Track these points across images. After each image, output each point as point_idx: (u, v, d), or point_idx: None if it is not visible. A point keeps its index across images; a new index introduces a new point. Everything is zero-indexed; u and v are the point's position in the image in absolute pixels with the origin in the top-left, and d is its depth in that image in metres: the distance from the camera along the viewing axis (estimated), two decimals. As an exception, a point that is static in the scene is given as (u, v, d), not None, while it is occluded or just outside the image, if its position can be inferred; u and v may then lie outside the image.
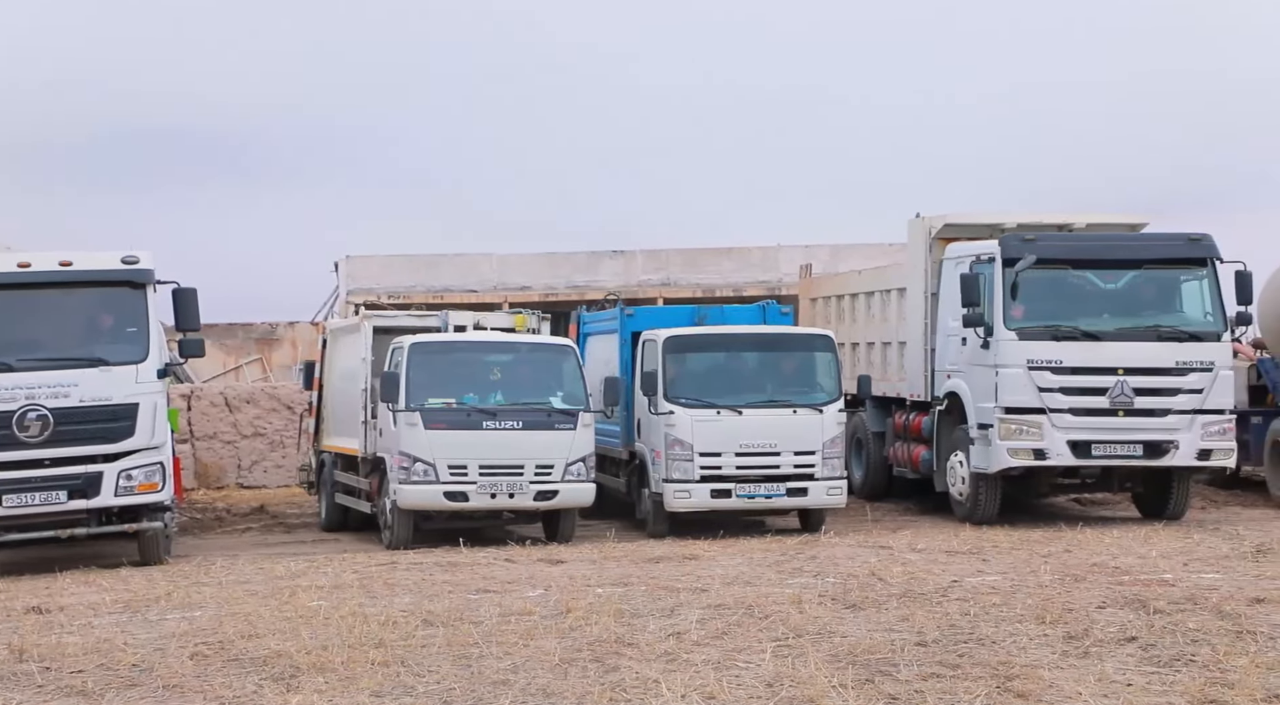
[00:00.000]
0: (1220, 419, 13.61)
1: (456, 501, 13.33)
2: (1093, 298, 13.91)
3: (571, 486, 13.52)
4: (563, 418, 13.56)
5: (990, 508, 14.17)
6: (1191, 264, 13.81)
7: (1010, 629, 8.06)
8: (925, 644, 7.72)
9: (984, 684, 6.77)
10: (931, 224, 15.19)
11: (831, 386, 14.14)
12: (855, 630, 8.14)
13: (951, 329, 14.54)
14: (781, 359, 14.53)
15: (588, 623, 8.43)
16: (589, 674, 7.16)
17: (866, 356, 17.15)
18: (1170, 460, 13.59)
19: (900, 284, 16.10)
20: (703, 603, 9.18)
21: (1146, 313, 13.82)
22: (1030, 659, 7.31)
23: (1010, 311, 13.66)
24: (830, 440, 13.89)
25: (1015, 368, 13.59)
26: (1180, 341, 13.55)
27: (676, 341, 14.23)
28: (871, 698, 6.58)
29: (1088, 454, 13.59)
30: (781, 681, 6.89)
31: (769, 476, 13.80)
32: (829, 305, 18.56)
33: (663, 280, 25.39)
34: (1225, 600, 8.77)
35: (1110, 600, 8.95)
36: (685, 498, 13.82)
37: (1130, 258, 13.90)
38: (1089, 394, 13.53)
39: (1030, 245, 13.73)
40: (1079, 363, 13.53)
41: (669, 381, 13.99)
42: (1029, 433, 13.57)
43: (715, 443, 13.77)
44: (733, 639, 7.97)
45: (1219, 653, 7.27)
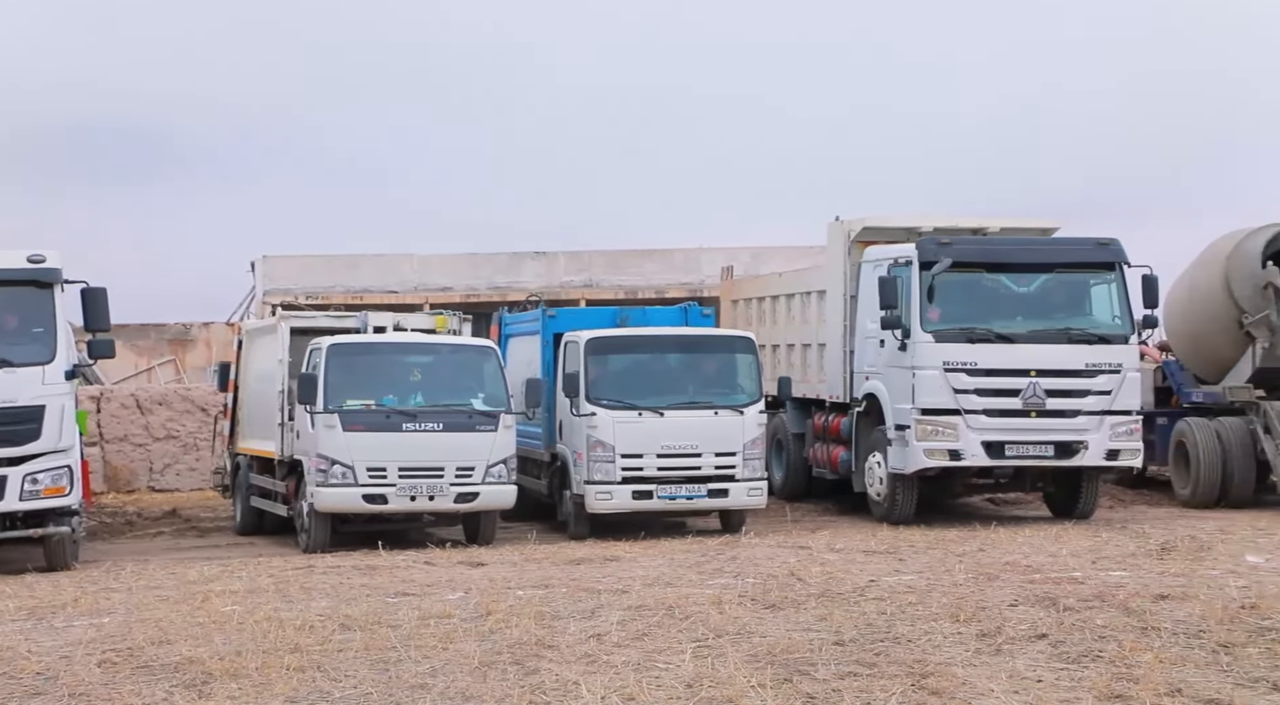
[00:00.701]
0: (1128, 420, 13.94)
1: (375, 504, 13.20)
2: (1006, 301, 14.17)
3: (492, 488, 13.45)
4: (484, 419, 13.49)
5: (907, 508, 14.36)
6: (1100, 268, 14.13)
7: (925, 627, 8.18)
8: (843, 643, 7.80)
9: (899, 682, 6.86)
10: (850, 227, 15.37)
11: (752, 388, 14.24)
12: (774, 630, 8.20)
13: (870, 331, 14.72)
14: (703, 360, 14.59)
15: (508, 625, 8.39)
16: (509, 676, 7.12)
17: (787, 358, 17.30)
18: (1080, 460, 13.89)
19: (820, 286, 16.26)
20: (623, 604, 9.18)
21: (1057, 315, 14.11)
22: (944, 657, 7.42)
23: (927, 314, 13.87)
24: (751, 441, 13.99)
25: (931, 369, 13.79)
26: (1090, 344, 13.86)
27: (598, 343, 14.23)
28: (790, 697, 6.63)
29: (1001, 454, 13.84)
30: (701, 682, 6.92)
31: (690, 478, 13.85)
32: (750, 307, 18.69)
33: (585, 282, 25.38)
34: (1131, 597, 8.98)
35: (1022, 598, 9.11)
36: (607, 499, 13.82)
37: (1042, 261, 14.18)
38: (1002, 395, 13.78)
39: (946, 249, 13.95)
40: (993, 365, 13.77)
41: (591, 383, 13.98)
42: (945, 434, 13.78)
43: (637, 444, 13.79)
44: (653, 640, 7.98)
45: (1125, 649, 7.44)
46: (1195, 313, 16.88)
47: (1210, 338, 16.70)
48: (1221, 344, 16.53)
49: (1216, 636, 7.67)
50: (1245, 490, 15.67)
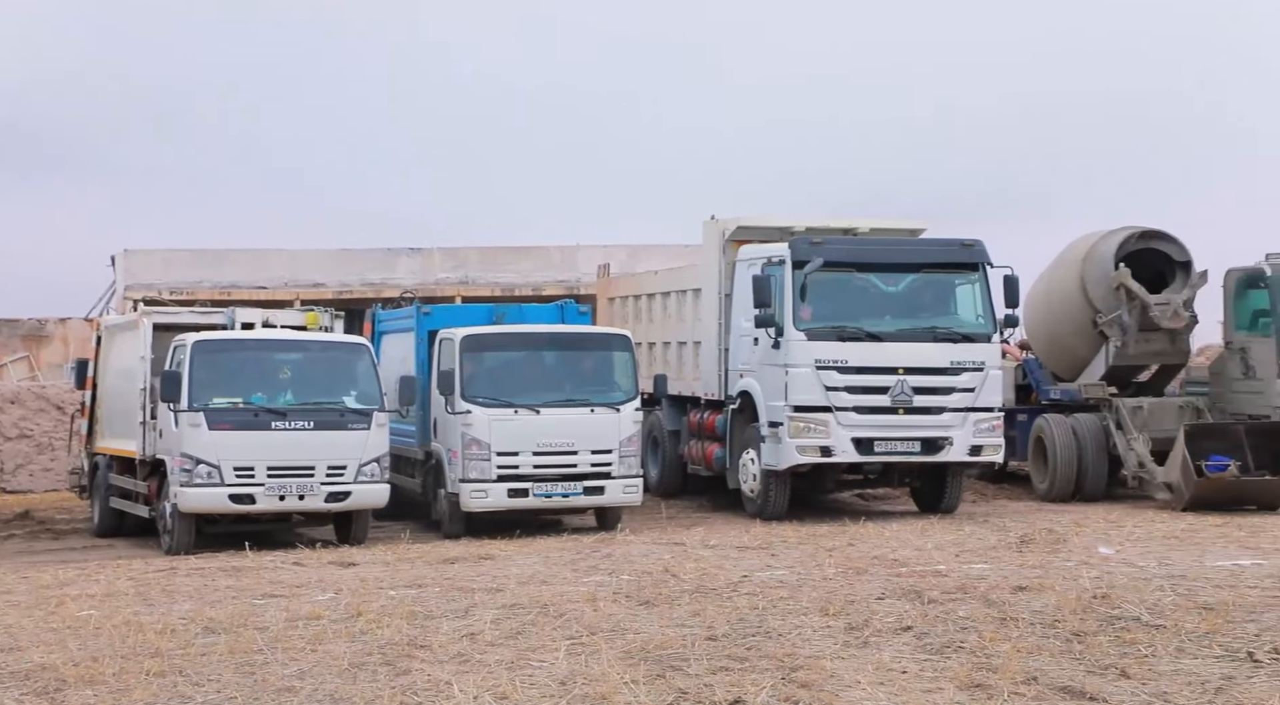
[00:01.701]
0: (990, 416, 14.38)
1: (242, 504, 12.90)
2: (875, 300, 14.48)
3: (365, 487, 13.25)
4: (356, 417, 13.28)
5: (780, 504, 14.58)
6: (964, 268, 14.53)
7: (796, 622, 8.31)
8: (715, 638, 7.89)
9: (770, 676, 6.96)
10: (725, 226, 15.53)
11: (629, 386, 14.29)
12: (648, 626, 8.25)
13: (744, 329, 14.90)
14: (579, 358, 14.60)
15: (379, 626, 8.28)
16: (379, 678, 7.03)
17: (663, 356, 17.40)
18: (945, 456, 14.27)
19: (696, 285, 16.40)
20: (498, 603, 9.14)
21: (924, 315, 14.47)
22: (814, 650, 7.56)
23: (799, 313, 14.09)
24: (627, 439, 14.04)
25: (804, 367, 14.02)
26: (954, 342, 14.24)
27: (474, 340, 14.12)
28: (662, 692, 6.67)
29: (870, 451, 14.13)
30: (575, 679, 6.92)
31: (566, 475, 13.84)
32: (627, 305, 18.75)
33: (461, 279, 25.16)
34: (992, 589, 9.26)
35: (889, 591, 9.33)
36: (482, 497, 13.73)
37: (909, 261, 14.53)
38: (872, 393, 14.07)
39: (818, 248, 14.19)
40: (863, 363, 14.06)
41: (466, 381, 13.87)
42: (816, 431, 14.02)
43: (512, 442, 13.72)
44: (527, 638, 7.96)
45: (985, 639, 7.68)
46: (1053, 312, 17.49)
47: (1067, 337, 17.33)
48: (1077, 343, 17.16)
49: (1070, 626, 7.97)
50: (1099, 484, 16.29)
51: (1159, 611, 8.34)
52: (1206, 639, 7.56)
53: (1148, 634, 7.70)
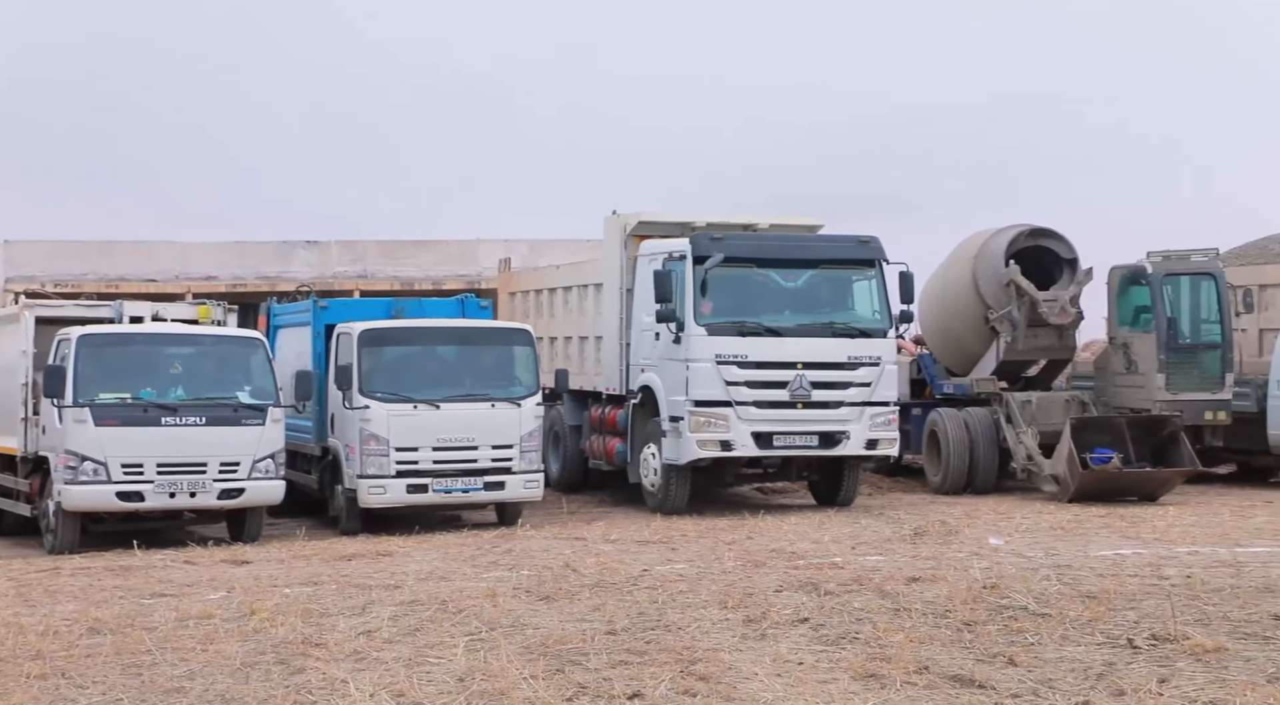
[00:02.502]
0: (886, 410, 14.63)
1: (131, 502, 12.57)
2: (775, 295, 14.63)
3: (259, 484, 13.01)
4: (250, 413, 13.03)
5: (680, 498, 14.66)
6: (861, 264, 14.76)
7: (695, 615, 8.38)
8: (615, 632, 7.91)
9: (669, 669, 7.01)
10: (627, 221, 15.56)
11: (530, 380, 14.24)
12: (548, 621, 8.24)
13: (645, 324, 14.94)
14: (480, 353, 14.50)
15: (273, 624, 8.14)
16: (272, 677, 6.91)
17: (564, 351, 17.37)
18: (842, 450, 14.48)
19: (597, 279, 16.40)
20: (396, 600, 9.05)
21: (822, 310, 14.66)
22: (712, 643, 7.63)
23: (700, 308, 14.17)
24: (528, 434, 13.99)
25: (704, 362, 14.11)
26: (852, 337, 14.46)
27: (372, 335, 13.95)
28: (562, 687, 6.68)
29: (770, 445, 14.28)
30: (473, 675, 6.89)
31: (466, 471, 13.74)
32: (528, 300, 18.67)
33: (359, 272, 24.78)
34: (886, 580, 9.45)
35: (786, 584, 9.46)
36: (380, 493, 13.57)
37: (808, 258, 14.71)
38: (771, 387, 14.22)
39: (718, 244, 14.29)
40: (762, 358, 14.19)
41: (364, 375, 13.69)
42: (716, 425, 14.12)
43: (412, 437, 13.59)
44: (425, 635, 7.90)
45: (879, 629, 7.83)
46: (946, 308, 17.86)
47: (960, 332, 17.71)
48: (970, 338, 17.55)
49: (961, 615, 8.16)
50: (989, 477, 16.69)
51: (1045, 600, 8.59)
52: (1089, 627, 7.80)
53: (1034, 622, 7.92)
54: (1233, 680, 6.58)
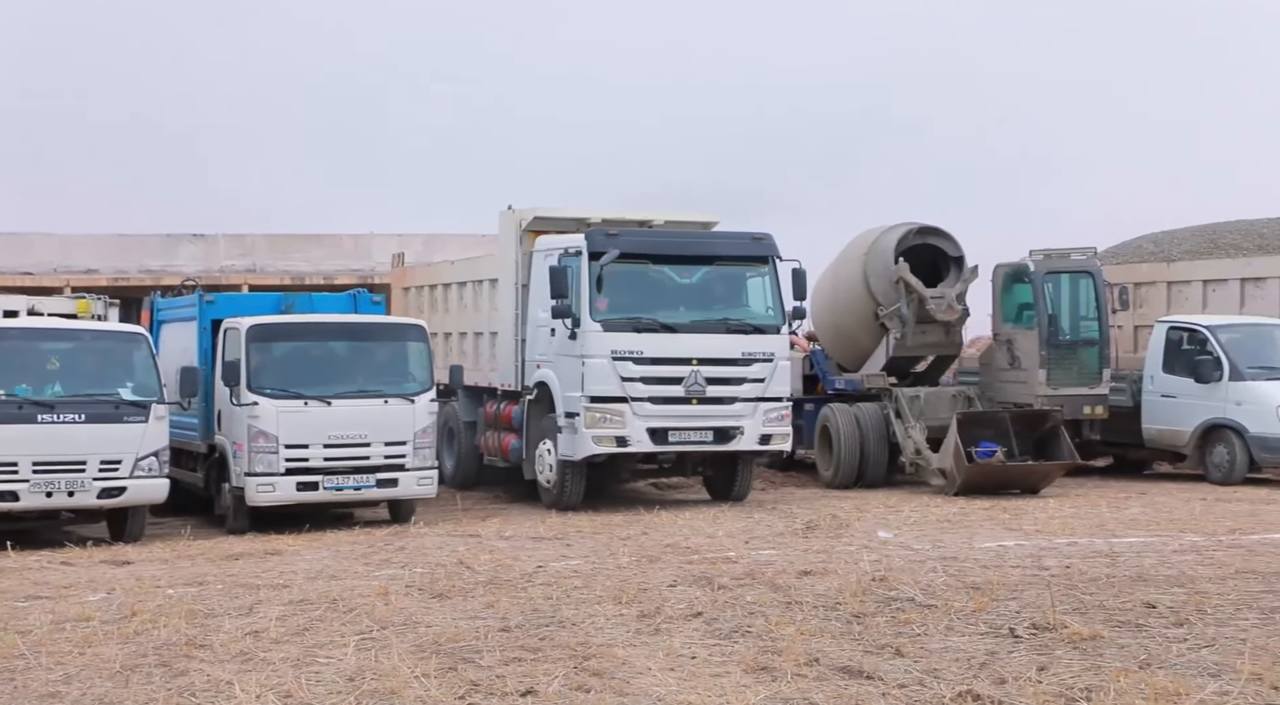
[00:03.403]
0: (779, 406, 14.80)
1: (4, 501, 12.15)
2: (670, 291, 14.69)
3: (141, 483, 12.67)
4: (132, 410, 12.68)
5: (576, 494, 14.65)
6: (755, 261, 14.91)
7: (590, 611, 8.39)
8: (509, 629, 7.88)
9: (562, 665, 7.00)
10: (522, 216, 15.49)
11: (424, 376, 14.10)
12: (441, 619, 8.17)
13: (541, 320, 14.90)
14: (373, 349, 14.31)
15: (155, 626, 7.93)
16: (154, 680, 6.73)
17: (459, 346, 17.23)
18: (736, 445, 14.62)
19: (492, 275, 16.30)
20: (284, 599, 8.89)
21: (717, 307, 14.77)
22: (606, 638, 7.64)
23: (595, 304, 14.18)
24: (422, 430, 13.85)
25: (600, 358, 14.12)
26: (746, 334, 14.60)
27: (261, 330, 13.68)
28: (454, 685, 6.63)
29: (665, 440, 14.35)
30: (363, 675, 6.80)
31: (358, 468, 13.56)
32: (422, 295, 18.48)
33: (248, 266, 24.28)
34: (779, 574, 9.56)
35: (681, 579, 9.52)
36: (269, 491, 13.31)
37: (703, 254, 14.80)
38: (666, 383, 14.28)
39: (614, 240, 14.30)
40: (658, 354, 14.25)
41: (253, 371, 13.42)
42: (612, 421, 14.14)
43: (302, 434, 13.36)
44: (314, 635, 7.77)
45: (771, 623, 7.92)
46: (838, 305, 18.14)
47: (851, 328, 18.01)
48: (860, 334, 17.85)
49: (850, 608, 8.30)
50: (879, 471, 17.00)
51: (932, 592, 8.78)
52: (973, 617, 8.00)
53: (921, 614, 8.09)
54: (1107, 667, 6.81)
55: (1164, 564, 9.91)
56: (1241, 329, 17.08)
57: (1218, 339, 16.63)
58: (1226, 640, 7.31)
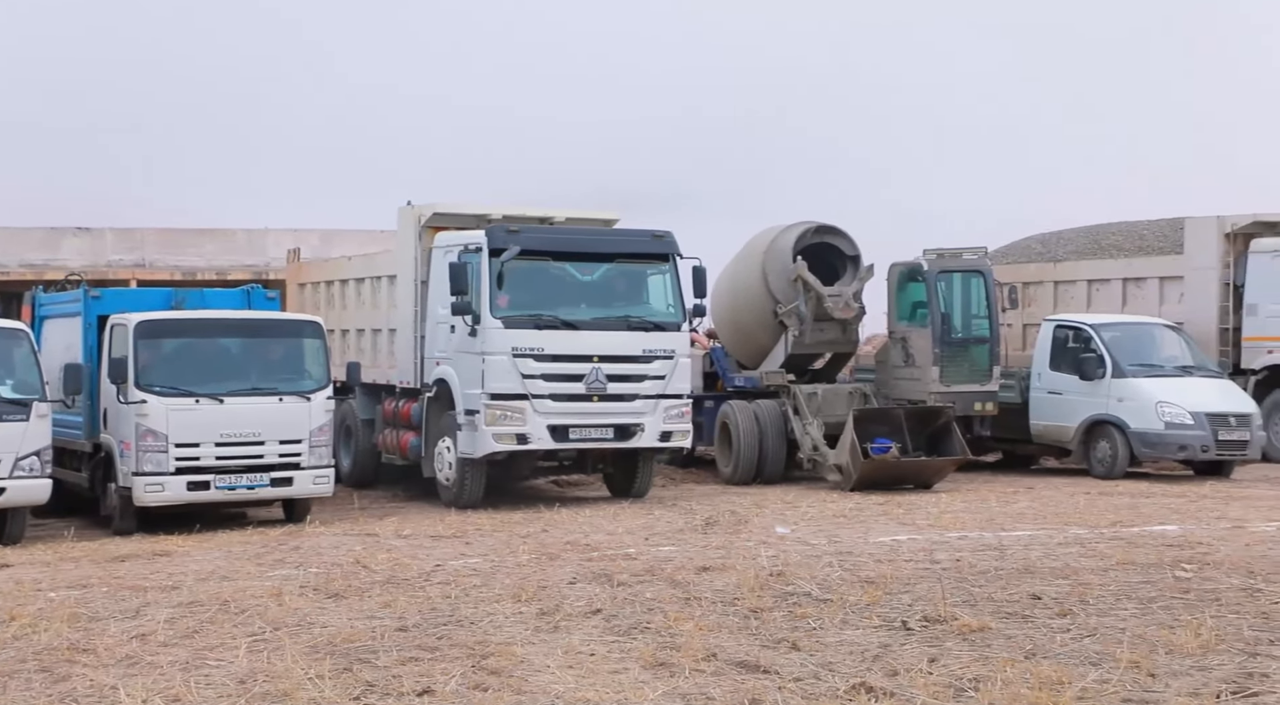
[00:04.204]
0: (680, 403, 14.87)
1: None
2: (571, 288, 14.68)
3: (22, 483, 12.27)
4: (12, 408, 12.28)
5: (475, 492, 14.56)
6: (656, 259, 14.97)
7: (489, 609, 8.34)
8: (406, 629, 7.80)
9: (460, 664, 6.95)
10: (421, 212, 15.34)
11: (320, 373, 13.89)
12: (336, 620, 8.06)
13: (441, 317, 14.77)
14: (267, 345, 14.05)
15: (36, 631, 7.68)
16: (34, 686, 6.52)
17: (357, 343, 17.00)
18: (637, 442, 14.66)
19: (391, 271, 16.12)
20: (173, 601, 8.68)
21: (618, 304, 14.79)
22: (505, 636, 7.60)
23: (496, 300, 14.10)
24: (318, 428, 13.64)
25: (500, 355, 14.05)
26: (647, 331, 14.64)
27: (150, 326, 13.34)
28: (349, 686, 6.54)
29: (566, 438, 14.32)
30: (255, 677, 6.67)
31: (252, 467, 13.30)
32: (319, 291, 18.20)
33: (137, 261, 23.60)
34: (678, 570, 9.61)
35: (580, 576, 9.51)
36: (158, 491, 12.99)
37: (604, 251, 14.81)
38: (567, 380, 14.26)
39: (514, 236, 14.24)
40: (558, 351, 14.22)
41: (141, 369, 13.08)
42: (513, 418, 14.08)
43: (193, 433, 13.06)
44: (204, 637, 7.60)
45: (670, 619, 7.96)
46: (738, 303, 18.31)
47: (750, 326, 18.18)
48: (760, 332, 18.04)
49: (748, 603, 8.38)
50: (778, 467, 17.19)
51: (827, 586, 8.90)
52: (868, 610, 8.14)
53: (817, 608, 8.20)
54: (995, 657, 6.98)
55: (1049, 556, 10.18)
56: (1124, 328, 17.64)
57: (1101, 337, 17.14)
58: (1107, 630, 7.54)
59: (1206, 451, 16.35)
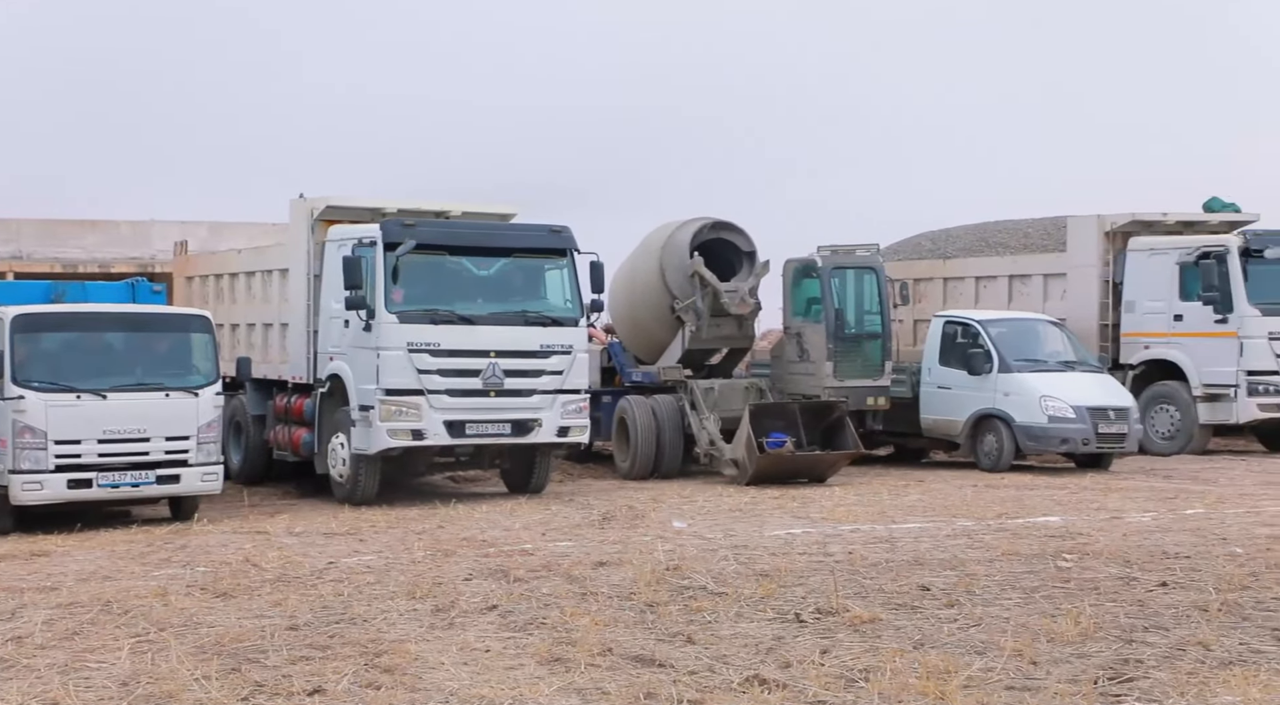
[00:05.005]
0: (577, 398, 14.86)
1: None
2: (468, 283, 14.56)
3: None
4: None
5: (370, 488, 14.37)
6: (553, 254, 14.93)
7: (382, 606, 8.25)
8: (296, 628, 7.68)
9: (352, 662, 6.86)
10: (314, 205, 15.08)
11: (208, 369, 13.57)
12: (224, 619, 7.89)
13: (334, 311, 14.55)
14: (153, 340, 13.70)
15: (-97, 638, 7.37)
16: (-98, 696, 6.27)
17: (247, 338, 16.65)
18: (535, 437, 14.60)
19: (282, 265, 15.82)
20: (51, 602, 8.41)
21: (515, 298, 14.72)
22: (399, 634, 7.53)
23: (391, 295, 13.93)
24: (206, 424, 13.33)
25: (396, 350, 13.88)
26: (544, 326, 14.60)
27: (27, 320, 12.90)
28: (237, 687, 6.41)
29: (462, 433, 14.21)
30: (138, 679, 6.50)
31: (137, 464, 12.95)
32: (207, 284, 17.78)
33: (13, 253, 22.73)
34: (574, 565, 9.61)
35: (476, 572, 9.46)
36: (36, 489, 12.57)
37: (501, 246, 14.73)
38: (464, 376, 14.15)
39: (410, 230, 14.08)
40: (455, 346, 14.11)
41: (18, 364, 12.64)
42: (408, 414, 13.93)
43: (74, 430, 12.67)
44: (85, 639, 7.38)
45: (566, 614, 7.96)
46: (635, 298, 18.35)
47: (647, 321, 18.24)
48: (657, 327, 18.11)
49: (644, 597, 8.42)
50: (675, 462, 17.28)
51: (723, 580, 8.99)
52: (762, 603, 8.23)
53: (712, 601, 8.28)
54: (885, 648, 7.12)
55: (938, 548, 10.42)
56: (1010, 323, 18.11)
57: (988, 333, 17.57)
58: (992, 619, 7.74)
59: (1087, 444, 16.86)
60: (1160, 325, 18.77)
